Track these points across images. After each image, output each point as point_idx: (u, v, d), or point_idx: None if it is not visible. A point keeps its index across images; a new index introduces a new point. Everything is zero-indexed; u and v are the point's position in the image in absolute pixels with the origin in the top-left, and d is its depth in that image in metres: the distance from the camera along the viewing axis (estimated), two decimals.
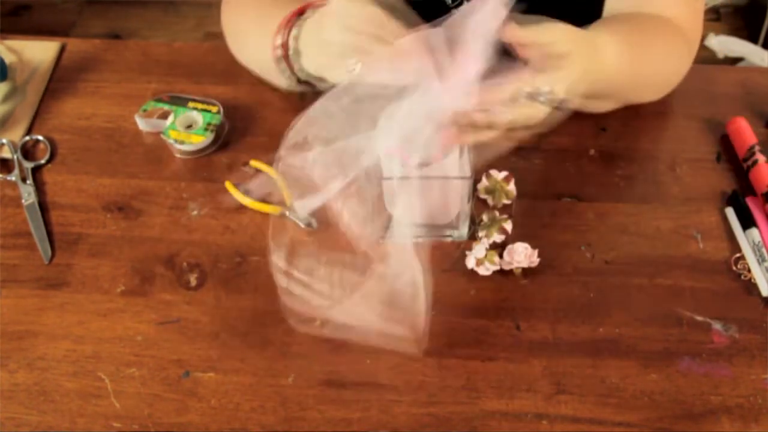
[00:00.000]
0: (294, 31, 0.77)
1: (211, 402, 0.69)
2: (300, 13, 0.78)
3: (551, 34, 0.69)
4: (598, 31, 0.79)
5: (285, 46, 0.78)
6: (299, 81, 0.80)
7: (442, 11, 0.89)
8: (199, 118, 0.88)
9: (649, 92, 0.88)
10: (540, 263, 0.76)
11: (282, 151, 0.71)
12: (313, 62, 0.77)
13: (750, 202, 0.80)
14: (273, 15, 0.80)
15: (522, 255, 0.75)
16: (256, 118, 0.91)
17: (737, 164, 0.85)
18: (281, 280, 0.72)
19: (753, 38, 2.11)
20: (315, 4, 0.78)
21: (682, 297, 0.74)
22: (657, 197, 0.82)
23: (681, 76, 0.87)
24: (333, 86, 0.71)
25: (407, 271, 0.67)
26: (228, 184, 0.83)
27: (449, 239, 0.79)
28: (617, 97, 0.85)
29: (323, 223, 0.80)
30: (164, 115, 0.89)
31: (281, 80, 0.82)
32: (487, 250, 0.76)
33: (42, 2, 2.41)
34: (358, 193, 0.72)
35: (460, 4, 0.89)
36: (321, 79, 0.77)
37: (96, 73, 0.97)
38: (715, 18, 2.26)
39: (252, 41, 0.87)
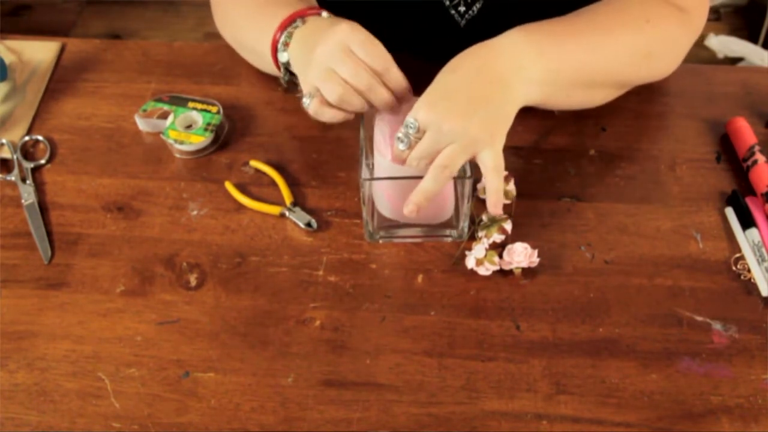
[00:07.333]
0: (284, 37, 0.78)
1: (211, 402, 0.69)
2: (292, 19, 0.78)
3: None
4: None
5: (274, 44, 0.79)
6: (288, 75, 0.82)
7: (442, 15, 0.90)
8: (198, 118, 0.88)
9: (634, 65, 0.81)
10: (540, 263, 0.76)
11: None
12: (302, 75, 0.77)
13: (750, 202, 0.80)
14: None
15: (522, 255, 0.75)
16: (256, 118, 0.91)
17: (737, 164, 0.85)
18: None
19: (753, 38, 2.11)
20: (306, 13, 0.79)
21: (681, 297, 0.74)
22: (657, 197, 0.82)
23: (680, 51, 0.83)
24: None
25: None
26: (228, 184, 0.83)
27: (449, 239, 0.79)
28: (590, 77, 0.79)
29: (323, 222, 0.80)
30: (164, 115, 0.89)
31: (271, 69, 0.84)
32: (487, 250, 0.76)
33: (42, 2, 2.41)
34: None
35: (459, 4, 0.89)
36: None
37: (96, 73, 0.97)
38: (715, 18, 2.26)
39: (244, 33, 0.88)
